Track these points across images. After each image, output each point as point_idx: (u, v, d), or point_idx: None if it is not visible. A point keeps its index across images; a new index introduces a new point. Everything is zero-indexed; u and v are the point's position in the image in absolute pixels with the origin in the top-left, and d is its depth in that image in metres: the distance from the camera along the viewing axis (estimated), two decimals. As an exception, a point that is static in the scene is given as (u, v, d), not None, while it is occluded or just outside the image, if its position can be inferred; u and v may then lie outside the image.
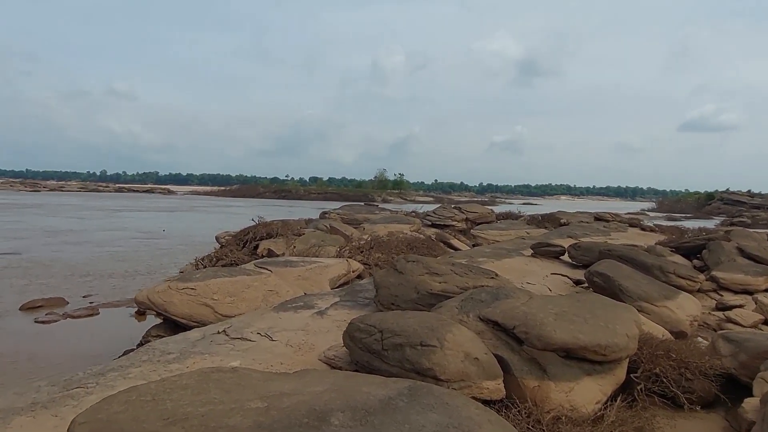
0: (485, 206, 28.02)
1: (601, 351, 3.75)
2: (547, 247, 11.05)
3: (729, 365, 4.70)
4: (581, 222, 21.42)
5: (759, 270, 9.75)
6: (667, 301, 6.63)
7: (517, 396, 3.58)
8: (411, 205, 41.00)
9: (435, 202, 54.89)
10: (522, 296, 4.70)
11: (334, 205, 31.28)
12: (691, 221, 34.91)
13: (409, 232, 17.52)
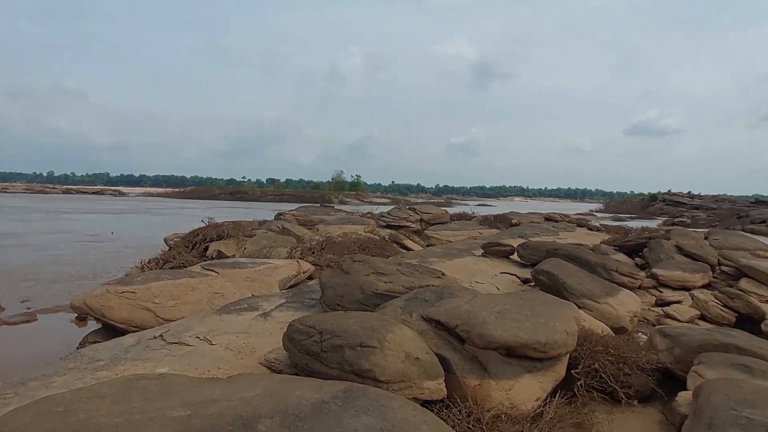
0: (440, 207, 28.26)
1: (540, 348, 3.77)
2: (497, 247, 11.21)
3: (665, 360, 4.85)
4: (532, 222, 21.96)
5: (696, 267, 10.21)
6: (608, 298, 6.82)
7: (459, 395, 3.55)
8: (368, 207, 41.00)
9: (391, 204, 55.07)
10: (466, 295, 4.70)
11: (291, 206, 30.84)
12: (635, 221, 36.39)
13: (364, 232, 17.47)
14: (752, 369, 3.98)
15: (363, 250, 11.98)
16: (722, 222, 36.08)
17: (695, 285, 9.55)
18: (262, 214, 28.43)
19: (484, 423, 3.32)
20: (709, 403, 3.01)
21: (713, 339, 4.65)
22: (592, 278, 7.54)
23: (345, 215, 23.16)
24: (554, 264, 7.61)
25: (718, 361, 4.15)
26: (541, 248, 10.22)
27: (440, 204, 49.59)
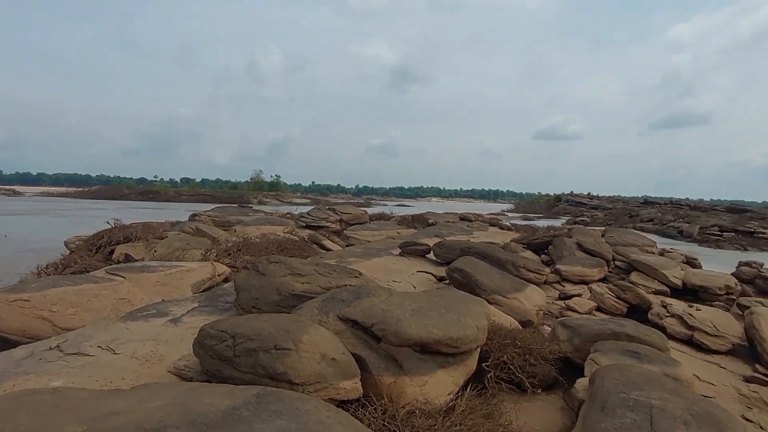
0: (359, 208, 28.43)
1: (453, 344, 3.91)
2: (414, 246, 11.47)
3: (566, 349, 5.21)
4: (447, 222, 22.69)
5: (594, 262, 11.05)
6: (516, 293, 7.20)
7: (374, 393, 3.60)
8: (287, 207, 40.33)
9: (312, 204, 54.50)
10: (383, 294, 4.77)
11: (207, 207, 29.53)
12: (542, 220, 38.76)
13: (282, 233, 17.17)
14: (640, 355, 4.39)
15: (281, 251, 11.78)
16: (617, 221, 39.35)
17: (593, 279, 10.34)
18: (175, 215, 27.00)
19: (398, 419, 3.39)
20: (602, 387, 3.28)
21: (607, 329, 5.07)
22: (502, 275, 7.93)
23: (264, 216, 22.64)
24: (467, 262, 7.91)
25: (611, 348, 4.53)
26: (456, 247, 10.59)
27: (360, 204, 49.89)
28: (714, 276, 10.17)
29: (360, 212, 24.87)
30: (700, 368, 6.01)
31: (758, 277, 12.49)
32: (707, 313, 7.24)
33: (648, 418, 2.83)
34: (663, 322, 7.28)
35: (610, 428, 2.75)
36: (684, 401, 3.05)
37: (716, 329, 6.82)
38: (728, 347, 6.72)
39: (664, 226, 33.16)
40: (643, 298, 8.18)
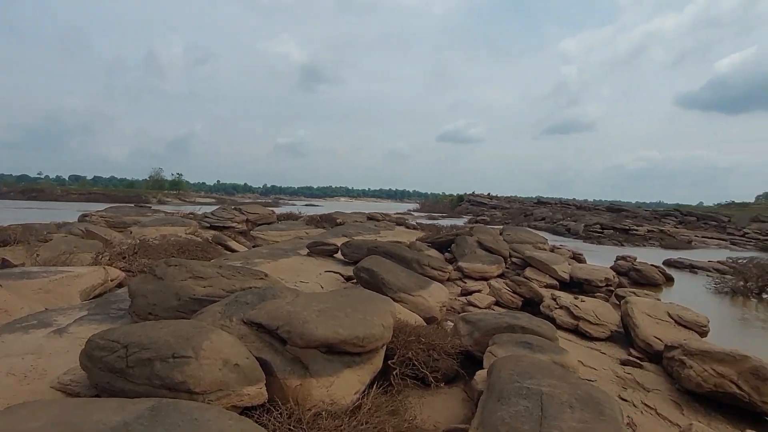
0: (267, 207, 27.79)
1: (359, 343, 3.95)
2: (322, 246, 11.44)
3: (467, 343, 5.46)
4: (355, 222, 22.86)
5: (493, 259, 11.70)
6: (421, 291, 7.42)
7: (280, 397, 3.54)
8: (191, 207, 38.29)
9: (217, 204, 52.22)
10: (289, 295, 4.69)
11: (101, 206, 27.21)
12: (446, 220, 40.26)
13: (184, 234, 16.33)
14: (532, 345, 4.72)
15: (182, 254, 11.19)
16: (513, 219, 41.91)
17: (492, 275, 10.95)
18: (63, 215, 24.60)
19: (305, 422, 3.35)
20: (499, 378, 3.48)
21: (503, 322, 5.39)
22: (408, 273, 8.14)
23: (163, 216, 21.41)
24: (374, 261, 8.02)
25: (507, 340, 4.82)
26: (363, 246, 10.70)
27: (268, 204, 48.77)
28: (596, 270, 11.20)
29: (267, 212, 24.36)
30: (584, 354, 6.58)
31: (632, 269, 13.94)
32: (590, 303, 7.94)
33: (539, 405, 3.05)
34: (553, 313, 7.89)
35: (505, 416, 2.93)
36: (570, 387, 3.33)
37: (598, 318, 7.51)
38: (608, 334, 7.43)
39: (554, 225, 35.85)
40: (536, 292, 8.79)
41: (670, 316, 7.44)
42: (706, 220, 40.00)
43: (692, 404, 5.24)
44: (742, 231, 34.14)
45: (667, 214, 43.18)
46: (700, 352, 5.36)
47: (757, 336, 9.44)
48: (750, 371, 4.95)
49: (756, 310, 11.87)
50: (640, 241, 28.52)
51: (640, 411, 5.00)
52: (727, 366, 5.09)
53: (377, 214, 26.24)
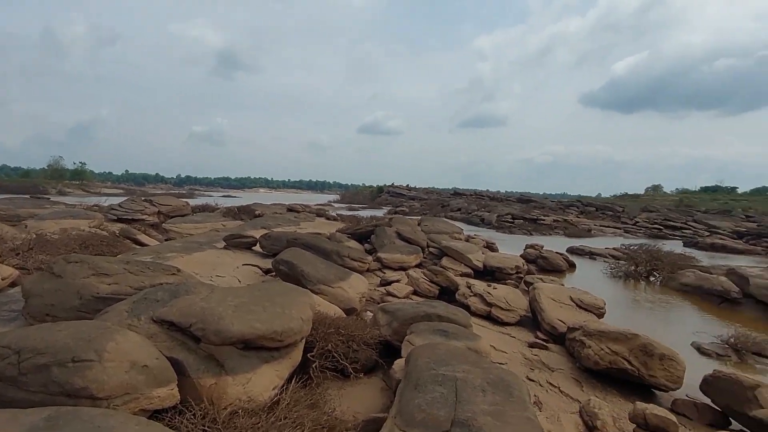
0: (181, 199, 26.50)
1: (277, 338, 3.88)
2: (240, 239, 11.09)
3: (386, 333, 5.54)
4: (275, 213, 22.40)
5: (411, 250, 11.94)
6: (341, 282, 7.43)
7: (194, 398, 3.40)
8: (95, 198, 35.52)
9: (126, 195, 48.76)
10: (203, 291, 4.51)
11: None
12: (366, 211, 40.50)
13: (88, 228, 15.18)
14: (448, 333, 4.89)
15: (85, 249, 10.36)
16: (431, 210, 43.01)
17: (411, 265, 11.19)
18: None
19: (220, 422, 3.25)
20: (416, 367, 3.57)
21: (421, 311, 5.54)
22: (328, 265, 8.11)
23: (64, 209, 19.68)
24: (293, 253, 7.92)
25: (424, 329, 4.96)
26: (282, 238, 10.52)
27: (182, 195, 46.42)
28: (507, 258, 11.79)
29: (181, 204, 23.26)
30: (496, 339, 6.93)
31: (539, 257, 14.82)
32: (501, 291, 8.36)
33: (454, 390, 3.17)
34: (468, 301, 8.22)
35: (422, 404, 3.02)
36: (482, 371, 3.50)
37: (508, 304, 7.93)
38: (517, 319, 7.87)
39: (469, 215, 37.28)
40: (451, 281, 9.10)
41: (572, 300, 8.02)
42: (604, 210, 43.33)
43: (591, 381, 5.70)
44: (633, 220, 37.37)
45: (570, 204, 46.26)
46: (597, 332, 5.83)
47: (646, 315, 10.40)
48: (639, 348, 5.46)
49: (645, 292, 13.08)
50: (547, 230, 30.40)
51: (545, 390, 5.35)
52: (621, 344, 5.58)
53: (297, 206, 25.86)
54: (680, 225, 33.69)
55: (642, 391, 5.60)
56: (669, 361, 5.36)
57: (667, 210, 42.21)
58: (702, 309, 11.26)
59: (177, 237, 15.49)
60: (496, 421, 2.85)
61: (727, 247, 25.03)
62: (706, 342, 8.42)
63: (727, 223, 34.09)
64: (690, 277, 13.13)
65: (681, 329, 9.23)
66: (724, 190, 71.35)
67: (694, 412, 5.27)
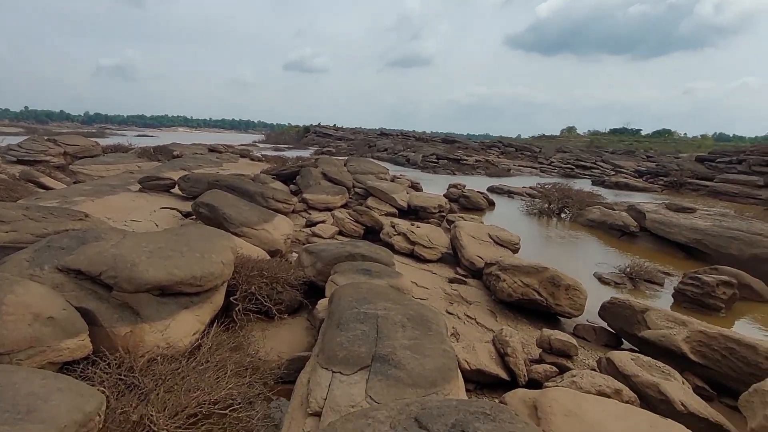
0: (90, 138, 24.53)
1: (197, 282, 3.79)
2: (156, 181, 10.52)
3: (310, 274, 5.58)
4: (195, 154, 21.32)
5: (337, 190, 11.92)
6: (265, 224, 7.32)
7: (108, 347, 3.29)
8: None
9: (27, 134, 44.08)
10: (115, 237, 4.27)
11: None
12: (292, 151, 39.61)
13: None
14: (371, 271, 4.99)
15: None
16: (358, 150, 42.79)
17: (336, 205, 11.21)
18: None
19: (137, 370, 3.19)
20: (338, 306, 3.64)
21: (345, 251, 5.60)
22: (251, 207, 7.92)
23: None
24: (214, 195, 7.64)
25: (348, 269, 5.03)
26: (203, 180, 10.10)
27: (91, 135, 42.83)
28: (431, 197, 12.10)
29: (90, 143, 21.63)
30: (418, 276, 7.20)
31: (462, 196, 15.33)
32: (424, 229, 8.62)
33: (375, 327, 3.28)
34: (392, 240, 8.41)
35: (344, 341, 3.10)
36: (402, 308, 3.63)
37: (431, 242, 8.21)
38: (439, 256, 8.19)
39: (395, 155, 37.53)
40: (376, 220, 9.24)
41: (491, 236, 8.44)
42: (523, 150, 45.18)
43: (504, 311, 6.13)
44: (549, 160, 39.36)
45: (492, 145, 47.72)
46: (511, 267, 6.21)
47: (556, 249, 11.20)
48: (548, 280, 5.90)
49: (556, 228, 14.02)
50: (470, 170, 31.38)
51: (463, 322, 5.70)
52: (532, 277, 5.99)
53: (220, 146, 24.75)
54: (590, 165, 35.90)
55: (549, 319, 6.12)
56: (573, 290, 5.85)
57: (579, 151, 44.70)
58: (605, 242, 12.29)
59: (87, 180, 14.44)
60: (414, 354, 3.00)
61: (629, 185, 27.15)
62: (606, 272, 9.26)
63: (631, 163, 36.76)
64: (596, 213, 14.18)
65: (586, 261, 10.05)
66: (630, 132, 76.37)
67: (592, 334, 5.86)
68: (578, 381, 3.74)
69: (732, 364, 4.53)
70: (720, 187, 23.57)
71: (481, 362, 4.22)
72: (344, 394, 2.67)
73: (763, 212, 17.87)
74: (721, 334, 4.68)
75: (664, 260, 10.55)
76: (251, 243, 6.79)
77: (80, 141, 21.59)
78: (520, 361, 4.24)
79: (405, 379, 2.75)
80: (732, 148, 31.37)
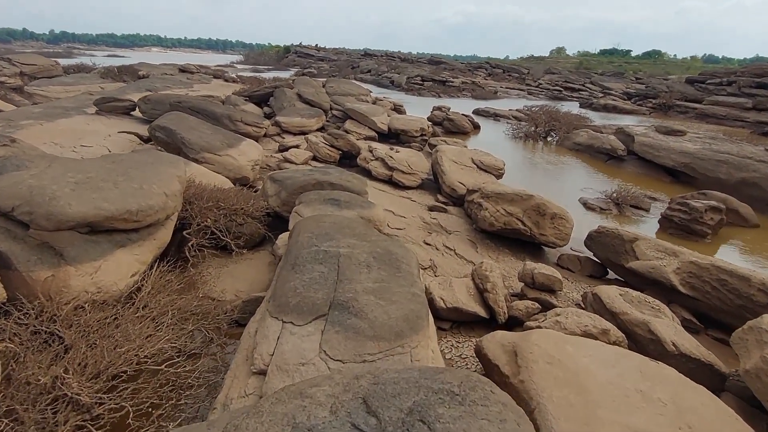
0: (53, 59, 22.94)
1: (132, 218, 3.29)
2: (114, 103, 9.66)
3: (274, 204, 5.08)
4: (164, 75, 19.99)
5: (312, 113, 11.14)
6: (229, 150, 6.71)
7: (26, 294, 2.83)
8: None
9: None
10: (40, 164, 3.69)
11: None
12: (272, 72, 37.66)
13: None
14: (340, 202, 4.52)
15: None
16: (340, 72, 40.94)
17: (312, 129, 10.50)
18: None
19: (60, 319, 2.76)
20: (296, 243, 3.19)
21: (312, 179, 5.09)
22: (214, 130, 7.26)
23: None
24: (173, 119, 6.95)
25: (314, 198, 4.55)
26: (165, 102, 9.27)
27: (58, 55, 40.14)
28: (412, 120, 11.42)
29: (50, 63, 20.32)
30: (396, 204, 6.76)
31: (446, 119, 14.65)
32: (404, 154, 8.07)
33: (335, 268, 2.86)
34: (369, 165, 7.89)
35: (298, 286, 2.69)
36: (369, 245, 3.20)
37: (410, 168, 7.70)
38: (419, 182, 7.71)
39: (379, 77, 35.94)
40: (353, 145, 8.65)
41: (474, 161, 7.95)
42: (511, 72, 43.66)
43: (485, 242, 5.77)
44: (537, 82, 38.14)
45: (479, 66, 45.99)
46: (494, 194, 5.78)
47: (542, 174, 10.79)
48: (533, 208, 5.49)
49: (542, 152, 13.55)
50: (455, 92, 30.22)
51: (441, 253, 5.33)
52: (515, 205, 5.58)
53: (192, 66, 23.31)
54: (578, 87, 34.90)
55: (532, 249, 5.79)
56: (559, 219, 5.48)
57: (568, 72, 43.37)
58: (591, 167, 11.90)
59: (44, 101, 13.45)
60: (378, 300, 2.60)
61: (617, 107, 26.45)
62: (592, 197, 8.93)
63: (619, 85, 35.80)
64: (583, 137, 13.68)
65: (571, 186, 9.69)
66: (620, 54, 74.14)
67: (576, 264, 5.56)
68: (562, 321, 3.41)
69: (722, 296, 4.27)
70: (708, 110, 23.07)
71: (458, 299, 3.88)
72: (294, 348, 2.28)
73: (749, 136, 17.56)
74: (713, 265, 4.38)
75: (651, 185, 10.25)
76: (213, 170, 6.23)
77: (38, 60, 20.20)
78: (500, 298, 3.90)
79: (366, 330, 2.36)
80: (722, 70, 30.44)
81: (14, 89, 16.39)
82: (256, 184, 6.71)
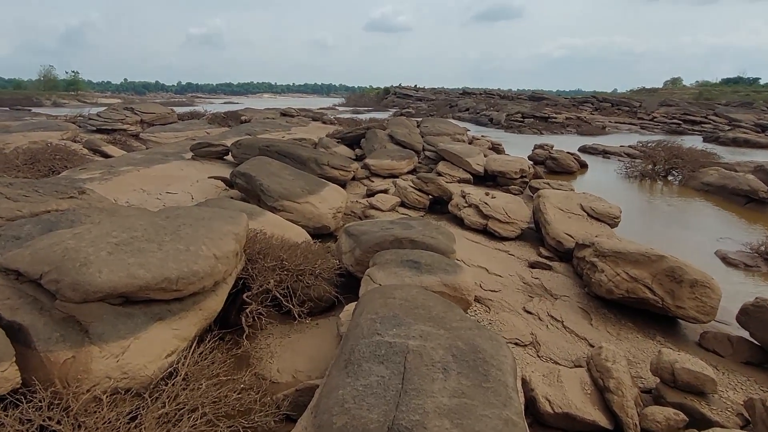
0: (169, 107, 25.17)
1: (171, 287, 2.81)
2: (208, 147, 9.87)
3: (347, 263, 4.45)
4: (266, 119, 20.85)
5: (403, 154, 10.64)
6: (310, 196, 6.30)
7: (42, 379, 2.41)
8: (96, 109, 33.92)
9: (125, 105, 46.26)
10: (93, 220, 3.41)
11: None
12: (371, 113, 38.40)
13: (61, 139, 14.18)
14: (420, 264, 3.79)
15: (32, 164, 9.26)
16: (438, 111, 40.73)
17: (402, 171, 9.97)
18: None
19: (74, 411, 2.28)
20: (356, 327, 2.51)
21: (390, 234, 4.40)
22: (298, 176, 6.94)
23: (40, 120, 18.54)
24: (255, 164, 6.74)
25: (390, 259, 3.86)
26: (255, 146, 9.26)
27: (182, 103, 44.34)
28: (511, 161, 10.48)
29: (166, 111, 22.07)
30: (490, 259, 5.88)
31: (549, 158, 13.49)
32: (501, 200, 7.19)
33: (401, 371, 2.12)
34: (461, 213, 7.10)
35: (348, 398, 1.98)
36: (448, 335, 2.43)
37: (508, 216, 6.80)
38: (518, 233, 6.77)
39: (478, 115, 35.19)
40: (444, 189, 7.92)
41: (583, 208, 6.87)
42: (620, 105, 40.84)
43: (601, 311, 4.69)
44: (651, 115, 35.11)
45: (584, 101, 43.58)
46: (613, 253, 4.71)
47: (665, 220, 9.31)
48: (665, 273, 4.37)
49: (661, 193, 11.90)
50: (559, 129, 28.56)
51: (545, 325, 4.37)
52: (642, 268, 4.48)
53: (292, 110, 24.21)
54: (700, 119, 31.57)
55: (664, 322, 4.61)
56: (702, 288, 4.28)
57: (687, 104, 39.59)
58: (726, 211, 10.13)
59: (155, 146, 14.41)
60: (454, 428, 1.81)
61: (750, 141, 23.31)
62: (733, 250, 7.40)
63: (749, 116, 31.84)
64: (713, 176, 11.85)
65: (704, 236, 8.16)
66: (746, 82, 67.01)
67: (727, 348, 4.30)
68: (730, 455, 2.37)
69: None
70: None
71: (569, 402, 2.94)
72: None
73: None
74: None
75: (810, 235, 8.37)
76: (292, 219, 5.82)
77: (156, 109, 21.99)
78: (628, 402, 2.91)
79: (435, 486, 1.58)
80: None
81: (134, 136, 17.86)
82: (339, 234, 6.21)
